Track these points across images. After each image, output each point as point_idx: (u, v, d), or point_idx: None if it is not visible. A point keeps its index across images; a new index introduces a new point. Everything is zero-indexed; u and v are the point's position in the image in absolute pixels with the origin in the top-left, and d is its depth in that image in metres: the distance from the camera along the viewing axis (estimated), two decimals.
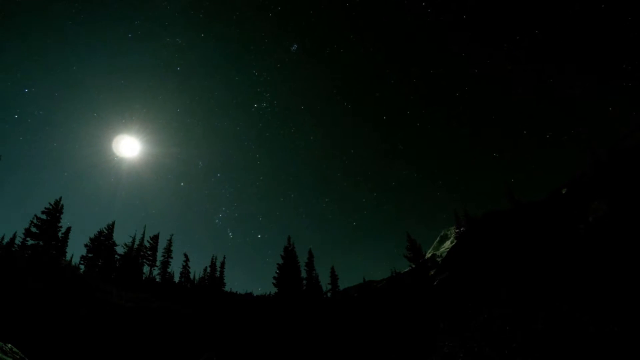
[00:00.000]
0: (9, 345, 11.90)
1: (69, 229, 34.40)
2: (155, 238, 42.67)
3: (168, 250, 42.75)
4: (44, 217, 32.05)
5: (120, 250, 38.97)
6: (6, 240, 35.00)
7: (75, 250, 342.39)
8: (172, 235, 44.38)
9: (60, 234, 32.94)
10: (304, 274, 36.82)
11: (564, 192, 28.60)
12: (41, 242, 31.09)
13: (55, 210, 32.67)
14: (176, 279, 42.59)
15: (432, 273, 34.25)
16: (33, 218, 31.88)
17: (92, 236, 37.39)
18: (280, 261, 36.53)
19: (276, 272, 36.02)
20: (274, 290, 36.61)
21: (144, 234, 42.19)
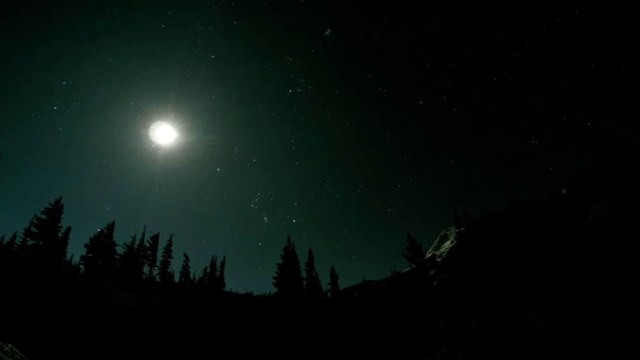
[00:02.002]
0: (9, 345, 11.90)
1: (69, 229, 34.41)
2: (155, 238, 42.68)
3: (168, 250, 42.75)
4: (43, 217, 32.05)
5: (120, 250, 39.01)
6: (6, 240, 35.02)
7: (75, 250, 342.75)
8: (172, 235, 44.41)
9: (60, 234, 32.95)
10: (304, 274, 36.84)
11: (564, 192, 28.60)
12: (41, 242, 31.09)
13: (55, 210, 32.66)
14: (176, 279, 42.60)
15: (432, 273, 34.25)
16: (33, 218, 31.88)
17: (92, 236, 37.41)
18: (277, 263, 36.56)
19: (276, 272, 36.03)
20: (278, 290, 36.55)
21: (143, 234, 42.22)
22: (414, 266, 34.60)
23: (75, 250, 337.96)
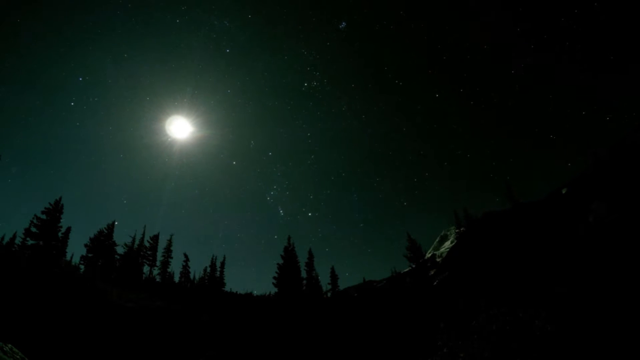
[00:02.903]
0: (9, 345, 11.90)
1: (69, 229, 34.40)
2: (155, 238, 42.68)
3: (168, 250, 42.76)
4: (43, 217, 32.03)
5: (120, 250, 39.00)
6: (6, 240, 35.03)
7: (76, 250, 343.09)
8: (172, 235, 44.43)
9: (60, 234, 32.93)
10: (304, 274, 36.83)
11: (564, 192, 28.60)
12: (41, 242, 31.07)
13: (55, 210, 32.64)
14: (176, 279, 42.62)
15: (432, 273, 34.25)
16: (33, 218, 31.86)
17: (92, 236, 37.40)
18: (280, 261, 36.53)
19: (276, 272, 36.01)
20: (278, 290, 36.53)
21: (143, 234, 42.21)
22: (414, 266, 34.61)
23: (76, 250, 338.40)
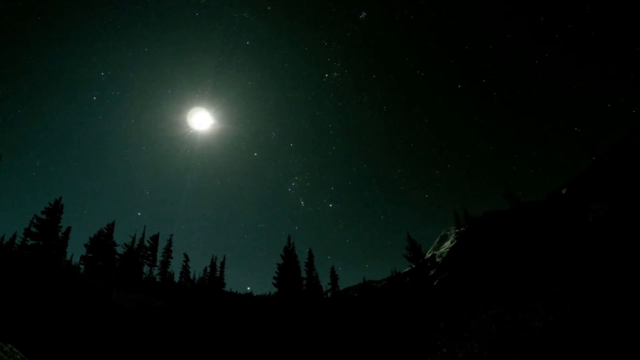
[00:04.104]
0: (9, 345, 11.90)
1: (68, 229, 34.42)
2: (155, 238, 42.69)
3: (168, 250, 42.77)
4: (43, 217, 32.05)
5: (120, 250, 39.02)
6: (6, 240, 35.04)
7: (75, 250, 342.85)
8: (172, 235, 44.46)
9: (60, 234, 32.95)
10: (304, 274, 36.83)
11: (564, 192, 28.60)
12: (41, 242, 31.09)
13: (55, 210, 32.66)
14: (176, 279, 42.63)
15: (432, 273, 34.25)
16: (33, 218, 31.89)
17: (92, 236, 37.42)
18: (280, 261, 36.53)
19: (276, 272, 36.01)
20: (278, 290, 36.51)
21: (143, 234, 42.23)
22: (414, 266, 34.60)
23: (76, 250, 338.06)
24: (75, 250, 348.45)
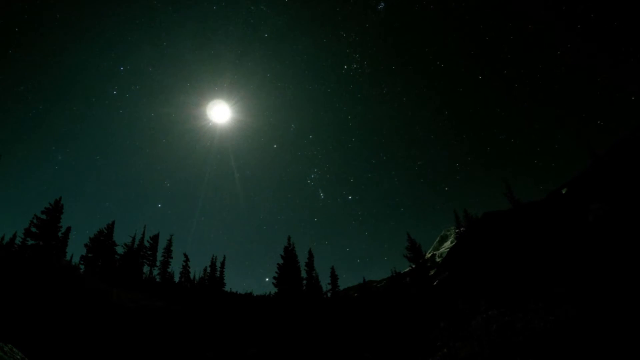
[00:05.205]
0: (9, 345, 11.90)
1: (68, 229, 34.41)
2: (155, 238, 42.68)
3: (168, 250, 42.75)
4: (43, 217, 32.04)
5: (120, 250, 39.01)
6: (6, 240, 35.03)
7: (75, 250, 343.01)
8: (172, 235, 44.42)
9: (60, 234, 32.94)
10: (304, 274, 36.82)
11: (564, 192, 28.60)
12: (41, 242, 31.08)
13: (55, 210, 32.65)
14: (176, 279, 42.61)
15: (432, 273, 34.26)
16: (33, 218, 31.88)
17: (92, 236, 37.41)
18: (280, 261, 36.53)
19: (276, 272, 36.01)
20: (278, 290, 36.50)
21: (143, 234, 42.20)
22: (414, 266, 34.59)
23: (76, 251, 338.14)
24: (76, 250, 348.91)
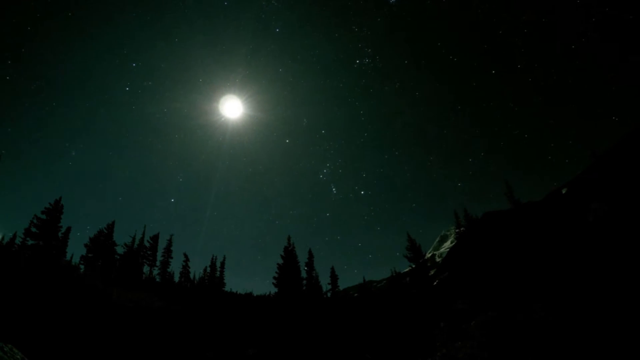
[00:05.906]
0: (9, 345, 11.89)
1: (68, 229, 34.41)
2: (155, 238, 42.68)
3: (168, 250, 42.76)
4: (43, 217, 32.04)
5: (120, 250, 39.01)
6: (6, 240, 35.03)
7: (75, 250, 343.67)
8: (172, 235, 44.43)
9: (60, 234, 32.94)
10: (304, 274, 36.81)
11: (564, 192, 28.59)
12: (41, 242, 31.08)
13: (55, 210, 32.65)
14: (176, 279, 42.62)
15: (432, 273, 34.25)
16: (33, 218, 31.88)
17: (92, 236, 37.41)
18: (280, 261, 36.52)
19: (276, 272, 36.00)
20: (278, 290, 36.48)
21: (143, 234, 42.20)
22: (414, 266, 34.57)
23: (76, 251, 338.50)
24: (76, 250, 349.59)
